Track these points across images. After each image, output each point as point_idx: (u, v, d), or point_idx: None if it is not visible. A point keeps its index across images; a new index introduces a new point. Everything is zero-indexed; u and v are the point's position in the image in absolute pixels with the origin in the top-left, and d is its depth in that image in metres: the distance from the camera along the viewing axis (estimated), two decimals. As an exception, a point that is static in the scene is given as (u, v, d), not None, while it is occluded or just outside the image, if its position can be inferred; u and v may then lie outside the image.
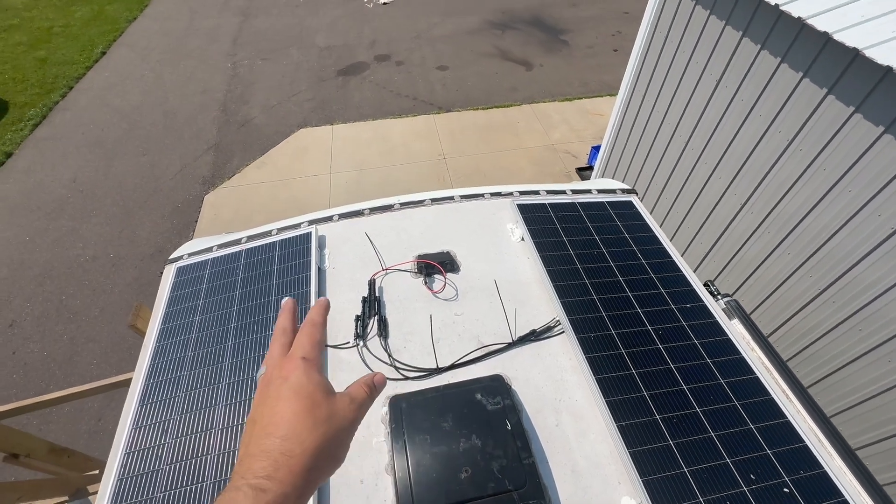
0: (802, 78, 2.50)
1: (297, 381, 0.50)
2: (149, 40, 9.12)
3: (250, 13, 10.10)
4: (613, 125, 4.52)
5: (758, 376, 1.28)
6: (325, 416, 0.49)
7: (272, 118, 7.05)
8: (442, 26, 9.45)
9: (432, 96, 7.51)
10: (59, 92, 7.51)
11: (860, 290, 2.40)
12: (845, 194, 2.40)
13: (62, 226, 5.37)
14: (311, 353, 0.54)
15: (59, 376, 4.02)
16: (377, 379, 0.58)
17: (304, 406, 0.48)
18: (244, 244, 1.66)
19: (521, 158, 6.32)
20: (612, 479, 1.08)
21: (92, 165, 6.20)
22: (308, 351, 0.54)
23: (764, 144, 2.84)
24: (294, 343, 0.55)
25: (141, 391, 1.27)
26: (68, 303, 4.59)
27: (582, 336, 1.31)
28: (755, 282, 3.12)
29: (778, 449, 1.13)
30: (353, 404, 0.52)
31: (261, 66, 8.29)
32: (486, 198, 1.80)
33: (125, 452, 1.15)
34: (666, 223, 3.97)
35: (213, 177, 6.05)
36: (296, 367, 0.51)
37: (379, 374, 0.59)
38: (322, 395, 0.50)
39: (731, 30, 2.92)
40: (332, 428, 0.49)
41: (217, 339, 1.35)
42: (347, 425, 0.51)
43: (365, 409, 0.54)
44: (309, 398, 0.49)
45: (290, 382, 0.50)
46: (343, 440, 0.50)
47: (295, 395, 0.49)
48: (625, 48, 8.37)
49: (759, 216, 2.98)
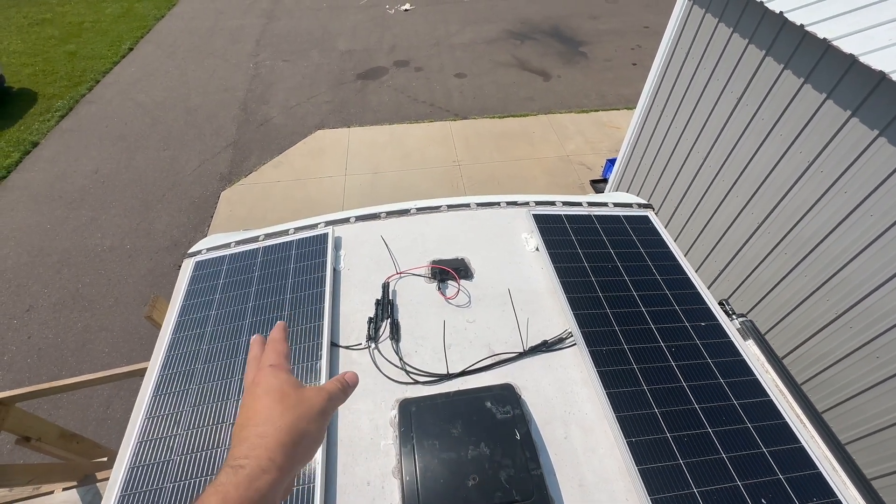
0: (826, 99, 2.48)
1: (267, 382, 0.55)
2: (175, 38, 9.34)
3: (274, 15, 10.30)
4: (630, 139, 4.51)
5: (772, 399, 1.26)
6: (294, 402, 0.53)
7: (291, 118, 7.16)
8: (461, 35, 9.54)
9: (449, 103, 7.56)
10: (87, 85, 7.72)
11: (878, 316, 2.35)
12: (867, 218, 2.36)
13: (82, 215, 5.50)
14: (276, 360, 0.59)
15: (71, 363, 4.10)
16: (348, 376, 0.62)
17: (274, 398, 0.53)
18: (262, 242, 1.68)
19: (534, 168, 6.32)
20: (619, 496, 1.07)
21: (114, 158, 6.34)
22: (273, 359, 0.59)
23: (783, 165, 2.81)
24: (262, 358, 0.61)
25: (155, 382, 1.30)
26: (84, 291, 4.68)
27: (594, 349, 1.30)
28: (769, 303, 3.07)
29: (791, 475, 1.11)
30: (322, 392, 0.57)
31: (282, 67, 8.43)
32: (502, 206, 1.80)
33: (138, 441, 1.17)
34: (680, 240, 3.94)
35: (231, 174, 6.15)
36: (264, 374, 0.57)
37: (351, 372, 0.64)
38: (290, 388, 0.55)
39: (753, 48, 2.90)
40: (303, 410, 0.53)
41: (232, 334, 1.37)
42: (317, 409, 0.54)
43: (335, 402, 0.58)
44: (278, 391, 0.54)
45: (261, 386, 0.55)
46: (314, 420, 0.53)
47: (265, 393, 0.54)
48: (644, 62, 8.37)
49: (775, 237, 2.94)
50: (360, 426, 1.16)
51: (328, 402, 0.56)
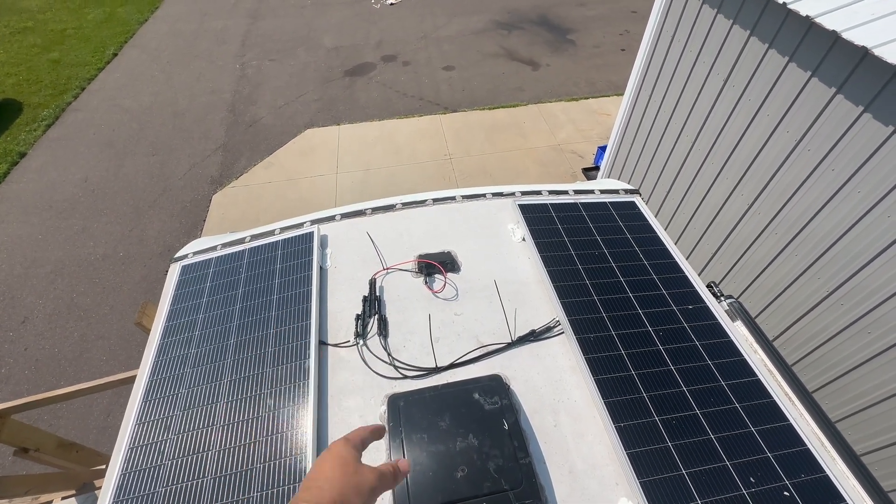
0: (811, 77, 2.47)
1: (338, 450, 0.69)
2: (159, 42, 9.24)
3: (259, 15, 10.19)
4: (620, 125, 4.49)
5: (759, 378, 1.26)
6: (352, 472, 0.66)
7: (279, 118, 7.11)
8: (448, 27, 9.46)
9: (438, 96, 7.52)
10: (72, 93, 7.63)
11: (869, 292, 2.37)
12: (854, 195, 2.36)
13: (74, 224, 5.46)
14: (353, 437, 0.73)
15: (69, 372, 4.09)
16: (402, 464, 0.75)
17: (338, 464, 0.66)
18: (247, 243, 1.67)
19: (526, 158, 6.30)
20: (609, 481, 1.08)
21: (103, 165, 6.29)
22: (353, 437, 0.73)
23: (771, 144, 2.81)
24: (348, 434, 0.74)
25: (145, 388, 1.29)
26: (79, 300, 4.66)
27: (581, 337, 1.31)
28: (762, 284, 3.09)
29: (779, 452, 1.12)
30: (374, 472, 0.68)
31: (269, 66, 8.36)
32: (488, 198, 1.80)
33: (129, 448, 1.17)
34: (672, 223, 3.94)
35: (221, 177, 6.11)
36: (339, 443, 0.71)
37: (405, 461, 0.79)
38: (352, 459, 0.68)
39: (738, 29, 2.89)
40: (356, 481, 0.65)
41: (219, 337, 1.37)
42: (367, 486, 0.66)
43: (385, 483, 0.69)
44: (341, 458, 0.67)
45: (332, 451, 0.69)
46: (362, 494, 0.64)
47: (333, 458, 0.67)
48: (632, 47, 8.31)
49: (766, 217, 2.95)
50: (349, 423, 1.17)
51: (378, 482, 0.67)
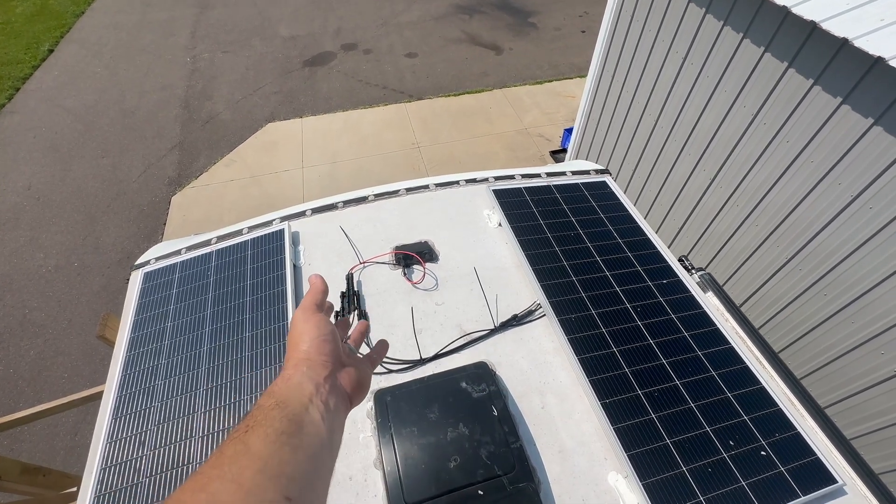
0: (764, 53, 2.55)
1: (294, 318, 0.65)
2: (99, 35, 8.64)
3: (207, 4, 9.66)
4: (584, 107, 4.54)
5: (732, 346, 1.31)
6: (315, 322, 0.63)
7: (238, 113, 6.81)
8: (408, 13, 9.26)
9: (402, 84, 7.38)
10: (6, 94, 7.06)
11: (824, 256, 2.50)
12: (808, 165, 2.48)
13: (19, 236, 5.10)
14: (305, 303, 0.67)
15: (28, 393, 3.85)
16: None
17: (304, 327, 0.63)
18: (214, 245, 1.60)
19: (494, 143, 6.30)
20: (598, 456, 1.10)
21: (47, 171, 5.88)
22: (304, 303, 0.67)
23: (730, 120, 2.90)
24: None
25: (114, 403, 1.22)
26: (32, 316, 4.37)
27: (563, 318, 1.32)
28: (726, 254, 3.22)
29: (754, 414, 1.17)
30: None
31: (222, 59, 7.97)
32: (462, 185, 1.78)
33: (101, 468, 1.10)
34: (640, 201, 4.04)
35: (180, 177, 5.82)
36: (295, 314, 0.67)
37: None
38: (311, 314, 0.64)
39: (694, 7, 2.95)
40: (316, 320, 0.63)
41: (191, 345, 1.30)
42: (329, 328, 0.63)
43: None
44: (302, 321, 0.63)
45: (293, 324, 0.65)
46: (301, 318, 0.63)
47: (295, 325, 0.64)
48: (593, 29, 8.40)
49: (727, 190, 3.06)
50: (336, 422, 1.14)
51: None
